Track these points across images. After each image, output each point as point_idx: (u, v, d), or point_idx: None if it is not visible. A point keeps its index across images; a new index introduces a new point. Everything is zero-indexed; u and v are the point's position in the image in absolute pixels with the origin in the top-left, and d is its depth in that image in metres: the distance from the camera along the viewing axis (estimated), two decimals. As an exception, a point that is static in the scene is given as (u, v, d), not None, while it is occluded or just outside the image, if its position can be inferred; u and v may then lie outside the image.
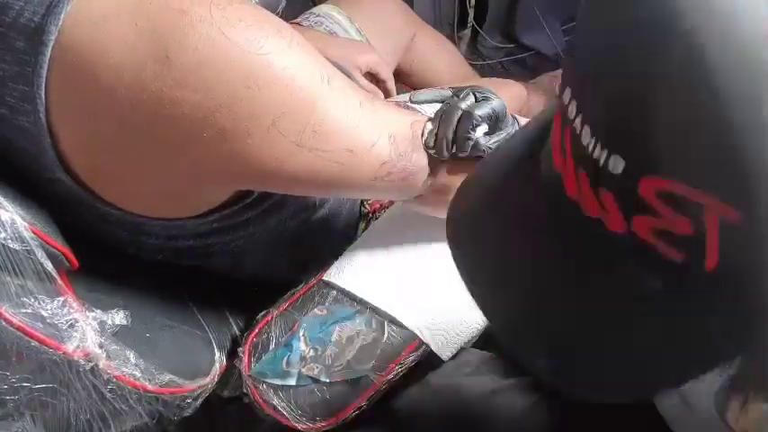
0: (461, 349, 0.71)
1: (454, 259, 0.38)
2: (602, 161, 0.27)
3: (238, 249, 0.67)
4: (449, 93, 0.63)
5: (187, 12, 0.45)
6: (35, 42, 0.45)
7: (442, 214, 0.68)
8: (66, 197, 0.53)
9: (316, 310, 0.69)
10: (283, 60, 0.47)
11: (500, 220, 0.37)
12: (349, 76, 0.89)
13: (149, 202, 0.56)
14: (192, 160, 0.50)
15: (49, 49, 0.45)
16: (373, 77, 0.96)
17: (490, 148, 0.57)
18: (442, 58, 1.21)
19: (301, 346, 0.66)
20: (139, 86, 0.45)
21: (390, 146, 0.55)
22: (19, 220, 0.48)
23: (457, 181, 0.61)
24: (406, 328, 0.67)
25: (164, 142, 0.48)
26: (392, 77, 0.99)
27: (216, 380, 0.69)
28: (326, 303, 0.69)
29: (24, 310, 0.48)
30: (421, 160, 0.58)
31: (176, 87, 0.45)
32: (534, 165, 0.34)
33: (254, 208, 0.62)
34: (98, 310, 0.54)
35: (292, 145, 0.50)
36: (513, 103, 1.05)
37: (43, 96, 0.47)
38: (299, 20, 0.99)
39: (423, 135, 0.57)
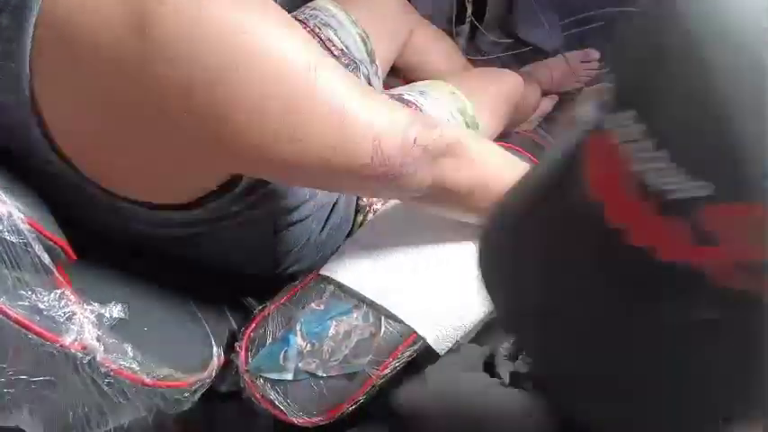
0: (459, 344, 0.71)
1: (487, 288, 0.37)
2: (677, 187, 0.24)
3: (230, 241, 0.66)
4: None
5: None
6: (18, 19, 0.45)
7: (440, 211, 0.68)
8: (55, 181, 0.53)
9: (313, 304, 0.69)
10: (267, 44, 0.45)
11: (538, 256, 0.35)
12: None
13: (136, 185, 0.55)
14: (172, 141, 0.49)
15: (32, 24, 0.44)
16: None
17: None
18: (440, 53, 1.21)
19: (298, 340, 0.66)
20: (117, 64, 0.44)
21: (373, 148, 0.52)
22: (16, 213, 0.48)
23: (453, 182, 0.59)
24: (402, 323, 0.67)
25: (144, 123, 0.47)
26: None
27: (214, 374, 0.69)
28: (323, 298, 0.69)
29: (22, 303, 0.48)
30: (410, 164, 0.55)
31: (155, 63, 0.43)
32: (564, 194, 0.32)
33: (242, 199, 0.60)
34: (96, 303, 0.54)
35: (272, 133, 0.47)
36: (507, 92, 1.04)
37: (27, 73, 0.46)
38: (294, 14, 0.99)
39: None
